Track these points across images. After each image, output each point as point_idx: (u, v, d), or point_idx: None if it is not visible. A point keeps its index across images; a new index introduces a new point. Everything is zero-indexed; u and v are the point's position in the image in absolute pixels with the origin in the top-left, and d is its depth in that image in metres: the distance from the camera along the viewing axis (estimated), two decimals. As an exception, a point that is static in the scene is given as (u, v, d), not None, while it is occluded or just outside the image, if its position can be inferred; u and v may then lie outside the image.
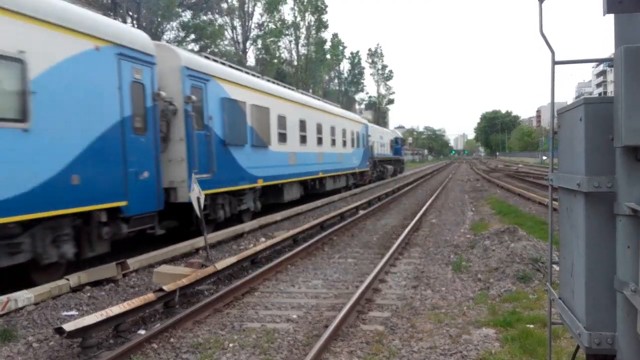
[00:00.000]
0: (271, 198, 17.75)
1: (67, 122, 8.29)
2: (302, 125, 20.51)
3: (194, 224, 12.06)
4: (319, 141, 22.66)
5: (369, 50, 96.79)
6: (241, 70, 16.28)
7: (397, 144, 50.41)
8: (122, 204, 9.52)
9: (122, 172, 9.55)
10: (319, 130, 22.74)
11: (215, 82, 13.37)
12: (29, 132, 7.55)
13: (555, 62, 2.90)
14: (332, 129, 24.95)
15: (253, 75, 17.57)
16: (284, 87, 20.62)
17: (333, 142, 25.04)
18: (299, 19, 59.89)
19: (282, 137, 18.14)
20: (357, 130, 30.58)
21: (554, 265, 3.53)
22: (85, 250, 8.98)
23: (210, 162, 12.70)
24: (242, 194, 14.91)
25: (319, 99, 26.50)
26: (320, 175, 22.66)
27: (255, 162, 15.58)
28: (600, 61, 2.94)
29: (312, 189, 22.27)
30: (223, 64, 15.14)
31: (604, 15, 2.39)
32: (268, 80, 18.97)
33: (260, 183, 15.99)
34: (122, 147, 9.57)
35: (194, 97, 11.90)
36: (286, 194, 18.74)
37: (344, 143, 27.28)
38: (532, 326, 5.85)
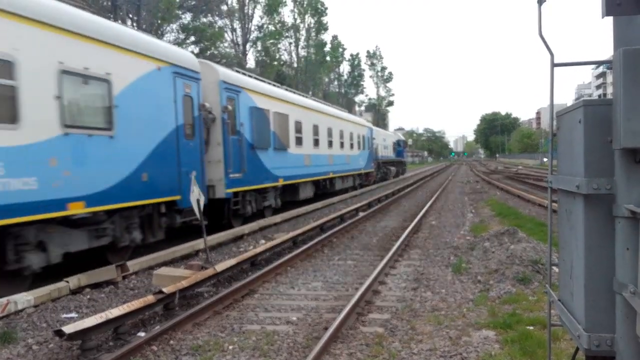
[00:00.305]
0: (288, 196, 19.31)
1: (138, 130, 10.14)
2: (315, 129, 22.10)
3: (225, 218, 14.10)
4: (330, 144, 24.33)
5: (367, 52, 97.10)
6: (265, 82, 18.40)
7: (399, 147, 51.79)
8: (177, 198, 11.35)
9: (176, 171, 11.38)
10: (330, 133, 24.38)
11: (245, 93, 15.20)
12: (113, 138, 9.44)
13: (554, 65, 2.91)
14: (341, 133, 26.61)
15: (274, 85, 19.64)
16: (299, 94, 22.72)
17: (342, 145, 26.65)
18: (298, 21, 60.04)
19: (299, 141, 19.89)
20: (363, 134, 32.19)
21: (554, 267, 3.53)
22: (148, 236, 10.73)
23: (242, 163, 14.62)
24: (265, 192, 16.74)
25: (329, 105, 28.18)
26: (331, 175, 24.49)
27: (277, 163, 17.34)
28: (599, 63, 2.95)
29: (324, 189, 23.94)
30: (250, 76, 17.10)
31: (602, 17, 2.40)
32: (286, 89, 21.18)
33: (280, 182, 17.75)
34: (177, 150, 11.41)
35: (229, 107, 13.83)
36: (301, 193, 20.41)
37: (351, 145, 28.84)
38: (532, 328, 5.85)
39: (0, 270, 7.63)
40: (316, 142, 22.20)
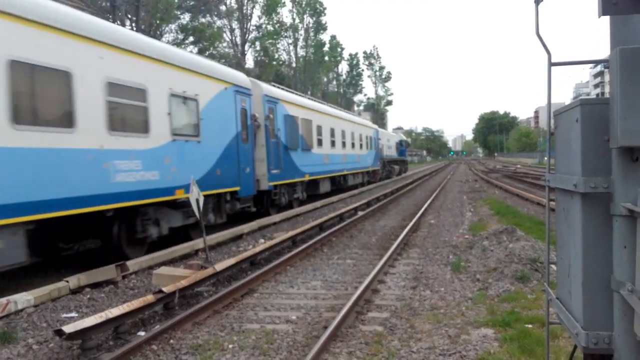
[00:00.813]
0: (310, 190, 22.14)
1: (214, 136, 13.23)
2: (332, 132, 25.41)
3: (264, 206, 17.20)
4: (343, 145, 27.63)
5: (364, 52, 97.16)
6: (293, 93, 22.27)
7: (401, 146, 54.69)
8: (237, 189, 14.44)
9: (237, 168, 14.47)
10: (343, 135, 27.68)
11: (281, 104, 18.38)
12: (200, 143, 12.50)
13: (551, 64, 2.91)
14: (352, 134, 29.88)
15: (301, 95, 23.66)
16: (320, 102, 26.96)
17: (353, 145, 29.94)
18: (297, 20, 60.02)
19: (320, 142, 23.12)
20: (370, 135, 35.65)
21: (552, 266, 3.55)
22: (217, 218, 13.59)
23: (279, 161, 17.69)
24: (295, 186, 19.82)
25: (342, 110, 32.28)
26: (345, 172, 27.67)
27: (303, 161, 20.47)
28: (596, 62, 2.95)
29: (338, 184, 27.19)
30: (282, 89, 20.74)
31: (599, 17, 2.41)
32: (309, 99, 25.58)
33: (307, 178, 20.95)
34: (237, 152, 14.52)
35: (270, 116, 17.02)
36: (321, 187, 23.57)
37: (361, 146, 32.26)
38: (530, 326, 5.88)
39: (131, 238, 10.44)
40: (333, 143, 25.39)
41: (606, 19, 2.48)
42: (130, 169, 9.95)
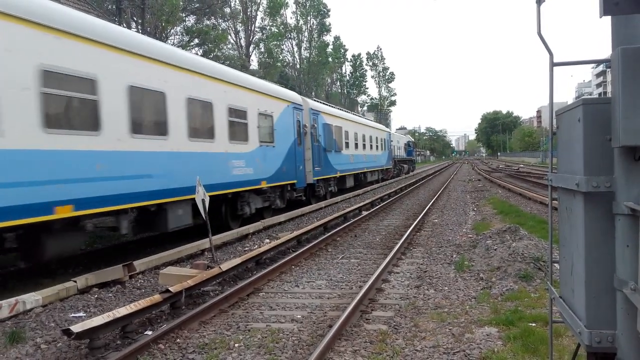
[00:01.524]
0: (338, 185, 26.25)
1: (282, 142, 17.51)
2: (356, 136, 29.99)
3: (306, 197, 21.41)
4: (364, 147, 32.23)
5: (368, 53, 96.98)
6: (328, 105, 27.47)
7: (409, 147, 59.58)
8: (294, 182, 18.70)
9: (294, 166, 18.75)
10: (364, 138, 32.28)
11: (321, 115, 22.95)
12: (274, 147, 16.80)
13: (553, 64, 2.93)
14: (370, 137, 34.58)
15: (334, 107, 29.24)
16: (346, 111, 33.04)
17: (371, 147, 34.60)
18: (301, 22, 60.02)
19: (347, 145, 27.56)
20: (384, 137, 40.40)
21: (555, 264, 3.57)
22: (281, 203, 17.78)
23: (320, 160, 22.21)
24: (329, 181, 24.30)
25: (361, 116, 40.82)
26: (365, 170, 32.48)
27: (336, 161, 24.87)
28: (598, 62, 2.97)
29: (359, 181, 31.50)
30: (322, 103, 26.50)
31: (600, 17, 2.43)
32: (340, 109, 30.50)
33: (338, 174, 25.37)
34: (294, 153, 18.79)
35: (314, 125, 21.50)
36: (347, 182, 27.91)
37: (377, 147, 37.03)
38: (534, 325, 5.90)
39: (233, 214, 14.50)
40: (356, 146, 29.96)
41: (607, 19, 2.50)
42: (239, 166, 14.27)
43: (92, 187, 8.85)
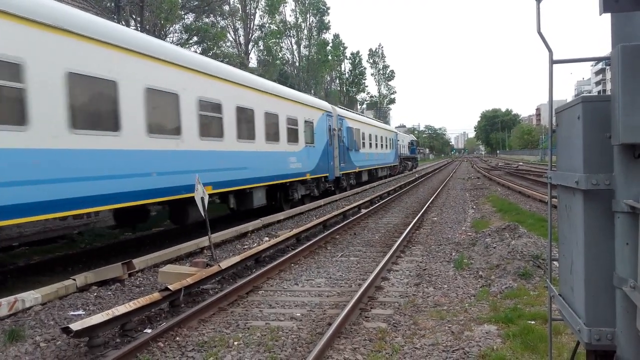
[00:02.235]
0: (356, 179, 30.45)
1: (318, 143, 21.58)
2: (370, 136, 34.22)
3: (333, 188, 25.03)
4: (376, 146, 36.72)
5: (370, 50, 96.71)
6: (349, 111, 31.91)
7: (412, 146, 64.98)
8: (327, 174, 22.92)
9: (327, 162, 22.87)
10: (376, 139, 36.72)
11: (345, 119, 27.24)
12: (314, 147, 20.89)
13: (553, 62, 2.92)
14: (381, 137, 38.95)
15: (355, 112, 35.93)
16: (362, 115, 41.15)
17: (382, 146, 39.22)
18: (300, 20, 59.93)
19: (363, 144, 31.92)
20: (391, 137, 44.94)
21: (554, 262, 3.56)
22: (316, 192, 21.52)
23: (344, 158, 26.37)
24: (350, 175, 28.60)
25: (374, 118, 45.99)
26: (376, 166, 37.04)
27: (355, 158, 29.14)
28: (597, 60, 2.97)
29: (372, 175, 36.20)
30: (346, 109, 30.89)
31: (600, 14, 2.42)
32: (358, 113, 38.23)
33: (357, 169, 29.93)
34: (327, 152, 22.92)
35: (340, 128, 25.69)
36: (363, 177, 32.56)
37: (386, 146, 41.41)
38: (533, 322, 5.91)
39: (285, 199, 18.34)
40: (370, 145, 34.29)
41: (607, 16, 2.49)
42: (293, 162, 18.57)
43: (219, 175, 13.06)
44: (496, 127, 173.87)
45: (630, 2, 2.33)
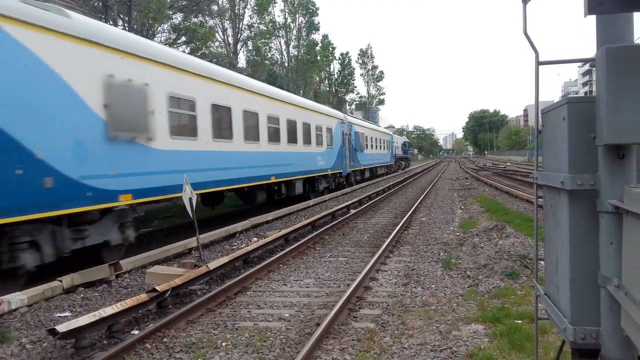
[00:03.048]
0: (360, 176, 35.68)
1: (336, 145, 27.42)
2: (371, 139, 40.12)
3: (345, 182, 30.36)
4: (377, 147, 42.85)
5: (360, 50, 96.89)
6: (357, 118, 40.33)
7: (405, 147, 72.09)
8: (341, 171, 28.11)
9: (341, 160, 27.99)
10: (375, 140, 42.46)
11: (353, 125, 32.70)
12: (332, 148, 26.73)
13: (539, 63, 2.95)
14: (380, 140, 45.13)
15: (361, 119, 43.93)
16: (366, 121, 48.32)
17: (380, 147, 45.11)
18: (289, 20, 59.84)
19: (367, 146, 37.92)
20: (388, 139, 51.01)
21: (541, 262, 3.59)
22: (333, 185, 27.20)
23: (353, 157, 31.58)
24: (357, 172, 33.87)
25: (372, 122, 55.47)
26: (377, 165, 43.11)
27: (361, 158, 34.98)
28: (583, 61, 2.99)
29: (372, 173, 41.63)
30: (353, 117, 38.27)
31: (585, 16, 2.44)
32: (362, 119, 46.33)
33: (362, 167, 35.72)
34: (341, 152, 28.19)
35: (350, 132, 30.70)
36: (365, 174, 37.83)
37: (384, 147, 47.42)
38: (520, 322, 5.95)
39: (312, 190, 23.34)
40: (371, 146, 40.14)
41: (593, 18, 2.52)
42: (319, 160, 23.74)
43: (279, 169, 18.45)
44: (484, 127, 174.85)
45: (614, 4, 2.35)
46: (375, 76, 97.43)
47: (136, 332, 6.13)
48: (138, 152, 10.37)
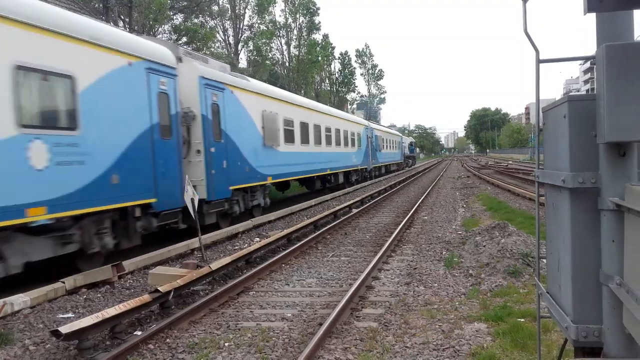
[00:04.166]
0: (378, 171, 42.87)
1: (363, 146, 35.95)
2: (386, 140, 48.82)
3: (367, 178, 37.47)
4: (389, 147, 50.91)
5: (357, 50, 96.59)
6: (375, 123, 53.43)
7: (412, 146, 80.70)
8: (366, 167, 36.63)
9: (367, 158, 36.88)
10: (389, 141, 51.07)
11: (374, 130, 41.16)
12: (361, 149, 34.92)
13: (539, 61, 2.94)
14: (392, 140, 53.74)
15: (379, 124, 58.66)
16: (380, 125, 60.76)
17: (392, 147, 53.70)
18: (290, 20, 59.81)
19: (383, 146, 45.85)
20: (398, 140, 60.50)
21: (543, 260, 3.58)
22: (360, 178, 34.98)
23: (374, 156, 39.91)
24: (376, 168, 41.06)
25: (382, 126, 61.91)
26: (389, 163, 51.29)
27: (379, 156, 42.46)
28: (583, 59, 2.99)
29: (387, 169, 49.68)
30: (374, 123, 52.42)
31: (584, 14, 2.44)
32: (376, 123, 56.61)
33: (380, 164, 43.72)
34: (367, 152, 36.98)
35: (371, 136, 38.93)
36: (382, 170, 45.36)
37: (395, 147, 56.33)
38: (522, 320, 5.95)
39: (347, 181, 30.53)
40: (386, 147, 48.73)
41: (593, 15, 2.51)
42: (353, 158, 31.69)
43: (330, 164, 25.49)
44: (486, 126, 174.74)
45: (613, 2, 2.35)
46: (376, 75, 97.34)
47: (139, 332, 6.14)
48: (274, 153, 18.06)
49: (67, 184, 8.54)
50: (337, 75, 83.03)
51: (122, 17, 28.51)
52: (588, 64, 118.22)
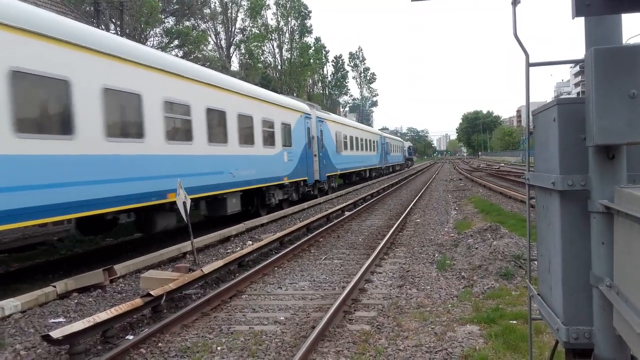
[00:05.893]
0: (386, 170, 55.06)
1: (379, 151, 48.63)
2: (391, 145, 60.48)
3: (381, 175, 50.45)
4: (394, 151, 62.06)
5: (350, 53, 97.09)
6: (385, 133, 63.71)
7: (410, 149, 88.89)
8: (381, 166, 50.00)
9: (382, 159, 50.34)
10: (393, 146, 62.15)
11: (385, 138, 54.91)
12: (378, 153, 48.07)
13: (529, 64, 2.96)
14: (395, 145, 64.75)
15: (387, 133, 66.22)
16: (387, 132, 79.11)
17: (396, 151, 64.92)
18: (282, 23, 59.93)
19: (391, 150, 59.81)
20: (400, 145, 71.74)
21: (533, 262, 3.60)
22: (377, 175, 47.84)
23: (385, 158, 53.41)
24: (388, 166, 56.40)
25: (388, 133, 76.11)
26: (394, 164, 61.68)
27: (388, 158, 55.93)
28: (572, 62, 2.99)
29: (391, 169, 59.67)
30: (385, 132, 68.48)
31: (573, 18, 2.46)
32: (384, 130, 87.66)
33: (388, 164, 56.40)
34: (381, 155, 50.11)
35: (384, 143, 52.43)
36: (390, 169, 58.25)
37: (398, 151, 67.22)
38: (514, 322, 5.97)
39: (364, 178, 41.56)
40: (392, 151, 60.21)
41: (582, 19, 2.54)
42: (372, 158, 43.58)
43: (364, 164, 40.03)
44: (478, 128, 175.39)
45: (600, 6, 2.37)
46: (368, 78, 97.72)
47: (131, 337, 6.11)
48: (341, 155, 29.83)
49: (289, 168, 20.07)
50: (329, 79, 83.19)
51: (113, 20, 28.45)
52: (578, 67, 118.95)
